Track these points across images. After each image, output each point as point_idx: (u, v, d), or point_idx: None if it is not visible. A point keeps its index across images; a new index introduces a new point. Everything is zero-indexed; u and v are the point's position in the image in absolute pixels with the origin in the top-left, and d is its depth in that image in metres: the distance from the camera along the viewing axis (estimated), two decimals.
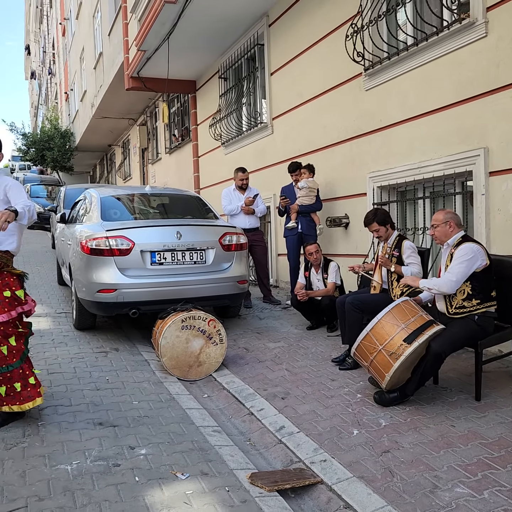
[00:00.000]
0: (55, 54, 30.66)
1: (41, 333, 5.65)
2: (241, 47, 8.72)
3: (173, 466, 2.96)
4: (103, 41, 14.66)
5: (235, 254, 5.60)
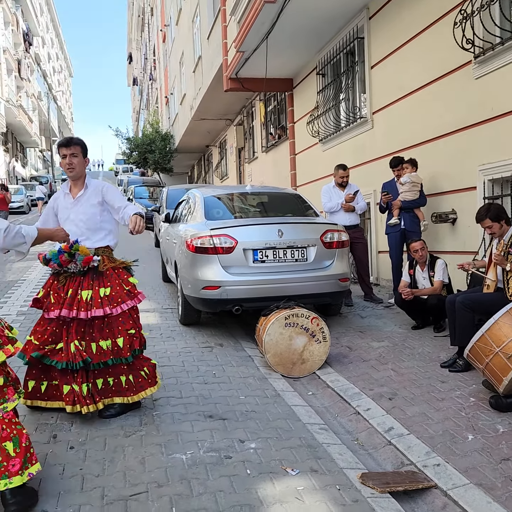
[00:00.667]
0: (155, 60, 32.02)
1: (150, 327, 5.93)
2: (339, 42, 8.62)
3: (283, 461, 3.00)
4: (202, 45, 15.09)
5: (337, 251, 5.55)
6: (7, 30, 36.15)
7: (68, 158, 3.60)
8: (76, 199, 3.71)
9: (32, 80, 45.65)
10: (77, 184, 3.73)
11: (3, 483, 2.40)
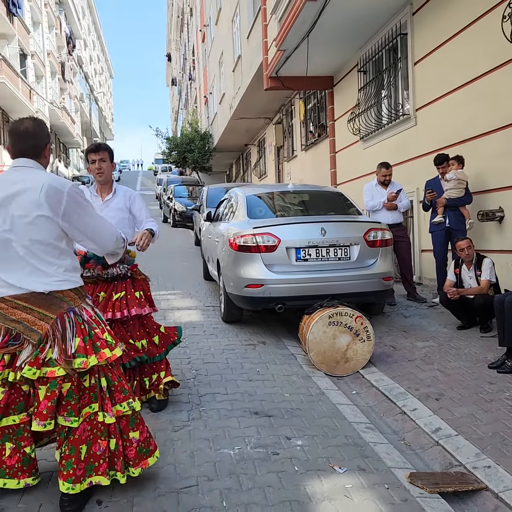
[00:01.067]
0: (195, 60, 32.31)
1: (193, 324, 6.02)
2: (381, 39, 8.53)
3: (330, 459, 3.01)
4: (242, 44, 15.16)
5: (380, 250, 5.51)
6: (51, 33, 37.12)
7: (98, 163, 3.71)
8: (105, 202, 3.80)
9: (75, 82, 46.73)
10: (105, 188, 3.84)
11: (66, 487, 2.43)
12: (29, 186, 2.34)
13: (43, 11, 33.99)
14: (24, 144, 2.44)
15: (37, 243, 2.36)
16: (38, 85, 32.01)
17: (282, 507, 2.55)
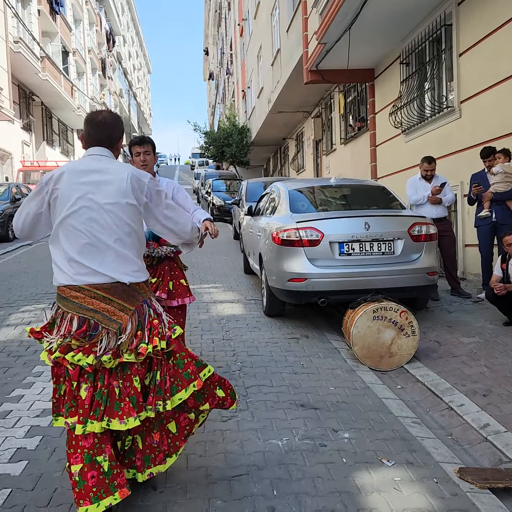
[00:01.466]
0: (232, 55, 32.40)
1: (236, 317, 6.11)
2: (425, 30, 8.40)
3: (378, 452, 3.03)
4: (281, 38, 15.13)
5: (425, 244, 5.46)
6: (92, 30, 37.81)
7: (142, 156, 3.78)
8: None
9: (114, 78, 47.49)
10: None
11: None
12: (115, 175, 2.39)
13: (84, 8, 34.64)
14: (101, 133, 2.48)
15: (122, 230, 2.38)
16: (79, 81, 32.70)
17: (332, 497, 2.59)
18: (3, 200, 14.68)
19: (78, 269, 2.33)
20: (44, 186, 2.41)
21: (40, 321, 6.00)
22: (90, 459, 2.27)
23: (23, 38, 20.63)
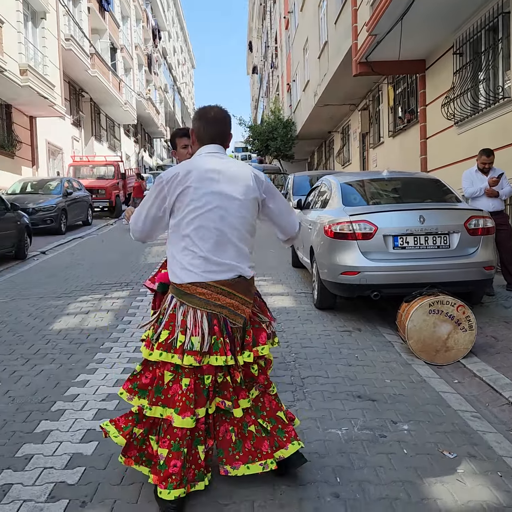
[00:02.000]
0: (277, 48, 32.33)
1: (287, 310, 6.16)
2: (480, 19, 8.20)
3: (438, 444, 3.04)
4: (329, 30, 15.02)
5: (482, 238, 5.37)
6: (138, 26, 38.44)
7: (190, 148, 3.71)
8: None
9: (160, 74, 48.13)
10: None
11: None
12: (241, 173, 2.45)
13: (131, 5, 35.22)
14: (215, 129, 2.50)
15: (243, 227, 2.44)
16: (126, 77, 33.28)
17: (395, 486, 2.62)
18: (56, 194, 15.15)
19: (207, 267, 2.38)
20: (165, 184, 2.41)
21: (98, 310, 6.23)
22: (178, 449, 2.37)
23: (74, 36, 21.17)
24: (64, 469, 2.80)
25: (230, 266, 2.40)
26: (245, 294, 2.44)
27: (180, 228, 2.41)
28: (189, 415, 2.35)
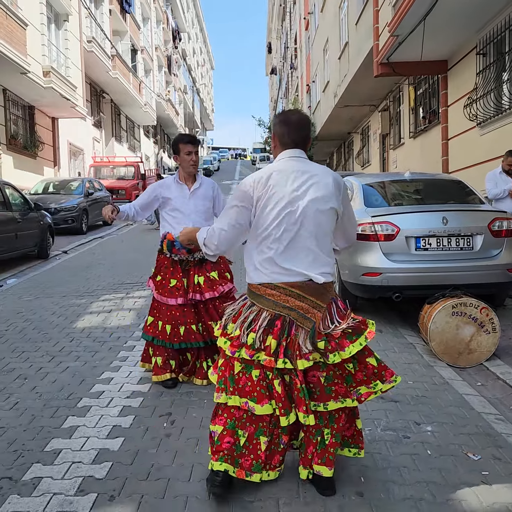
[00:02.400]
0: (297, 49, 32.33)
1: None
2: (504, 19, 8.13)
3: (462, 446, 3.03)
4: (349, 31, 14.99)
5: (506, 240, 5.33)
6: (159, 28, 38.73)
7: (194, 155, 3.94)
8: (193, 191, 4.02)
9: (179, 75, 48.46)
10: (190, 178, 4.07)
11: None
12: (322, 178, 2.43)
13: (152, 7, 35.52)
14: (299, 134, 2.49)
15: (322, 232, 2.44)
16: (146, 78, 33.58)
17: (419, 487, 2.62)
18: (78, 194, 15.33)
19: (275, 268, 2.40)
20: (249, 188, 2.41)
21: (120, 309, 6.30)
22: (233, 427, 2.47)
23: (96, 38, 21.42)
24: (92, 463, 2.86)
25: (298, 271, 2.40)
26: (317, 298, 2.41)
27: (258, 229, 2.43)
28: (266, 402, 2.41)
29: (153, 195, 4.07)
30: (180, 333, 3.89)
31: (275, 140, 2.54)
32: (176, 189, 4.04)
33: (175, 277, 3.92)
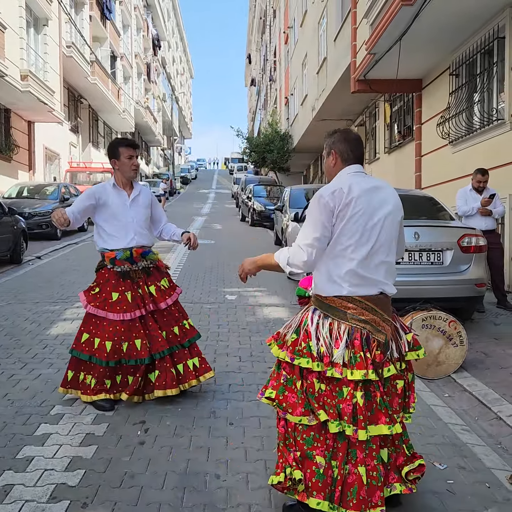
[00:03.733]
0: (276, 62, 32.68)
1: (283, 321, 6.22)
2: (476, 42, 8.40)
3: (429, 456, 3.12)
4: (328, 47, 15.25)
5: (474, 256, 5.51)
6: (139, 35, 38.75)
7: (135, 159, 3.73)
8: (134, 198, 3.82)
9: (158, 83, 48.46)
10: (128, 184, 3.83)
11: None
12: (389, 191, 2.50)
13: (133, 14, 35.55)
14: (360, 151, 2.54)
15: (393, 243, 2.47)
16: (125, 85, 33.50)
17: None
18: (53, 200, 15.18)
19: (355, 280, 2.38)
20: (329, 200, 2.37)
21: None
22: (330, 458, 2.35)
23: (75, 43, 21.34)
24: (65, 471, 2.86)
25: (375, 281, 2.41)
26: (384, 311, 2.43)
27: (338, 241, 2.39)
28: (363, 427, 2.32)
29: (90, 201, 3.72)
30: (122, 349, 3.64)
31: (335, 157, 2.53)
32: (114, 196, 3.77)
33: (117, 290, 3.68)
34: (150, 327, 3.72)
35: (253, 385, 4.17)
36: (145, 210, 3.87)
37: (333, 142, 2.55)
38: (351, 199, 2.35)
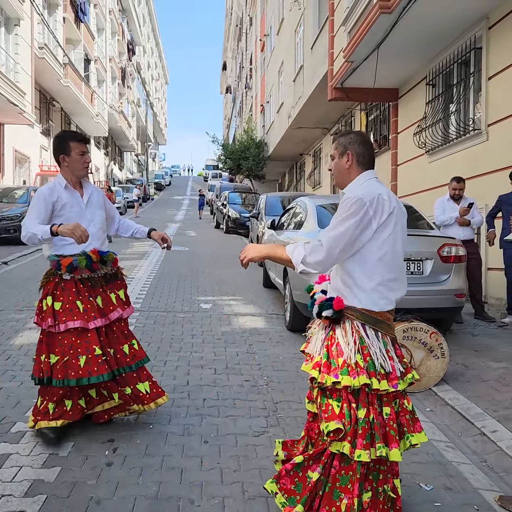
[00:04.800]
0: (252, 69, 32.65)
1: (258, 331, 6.07)
2: (453, 52, 8.43)
3: (414, 476, 2.99)
4: (305, 55, 15.23)
5: (454, 266, 5.43)
6: (113, 39, 38.32)
7: (87, 156, 3.35)
8: (89, 199, 3.45)
9: (133, 87, 48.01)
10: (78, 183, 3.44)
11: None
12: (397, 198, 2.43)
13: (107, 18, 35.14)
14: (373, 155, 2.46)
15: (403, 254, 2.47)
16: (99, 89, 33.05)
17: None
18: (22, 203, 14.75)
19: (397, 292, 2.39)
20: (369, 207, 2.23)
21: None
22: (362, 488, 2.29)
23: (48, 44, 20.92)
24: (24, 497, 2.63)
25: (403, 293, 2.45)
26: (391, 322, 2.45)
27: (373, 251, 2.29)
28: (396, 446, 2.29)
29: (49, 207, 3.28)
30: (79, 365, 3.15)
31: (350, 159, 2.40)
32: (68, 197, 3.34)
33: (79, 298, 3.26)
34: (102, 342, 3.29)
35: (229, 400, 3.99)
36: (100, 211, 3.51)
37: (349, 142, 2.42)
38: (390, 208, 2.27)
